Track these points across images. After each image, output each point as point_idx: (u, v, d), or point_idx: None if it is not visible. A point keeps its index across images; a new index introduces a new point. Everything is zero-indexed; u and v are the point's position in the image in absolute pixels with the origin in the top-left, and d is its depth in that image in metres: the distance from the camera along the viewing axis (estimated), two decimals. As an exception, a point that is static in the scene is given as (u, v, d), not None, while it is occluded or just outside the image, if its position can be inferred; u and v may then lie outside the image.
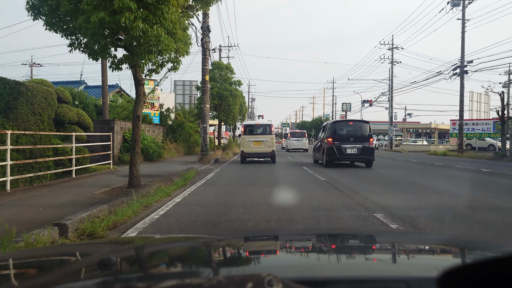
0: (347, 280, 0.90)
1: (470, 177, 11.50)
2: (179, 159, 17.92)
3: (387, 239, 1.72)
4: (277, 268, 1.11)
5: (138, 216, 5.43)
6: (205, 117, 17.05)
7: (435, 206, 6.15)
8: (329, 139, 13.65)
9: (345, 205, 6.21)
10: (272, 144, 17.24)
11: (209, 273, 1.04)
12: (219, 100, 22.31)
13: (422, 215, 5.42)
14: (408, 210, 5.75)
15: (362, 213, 5.56)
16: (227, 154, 21.83)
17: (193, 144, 24.35)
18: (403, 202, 6.46)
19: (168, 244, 1.59)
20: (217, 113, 22.99)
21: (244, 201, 6.50)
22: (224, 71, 22.55)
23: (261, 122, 18.61)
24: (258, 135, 17.28)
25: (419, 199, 6.81)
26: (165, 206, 6.18)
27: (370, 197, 6.96)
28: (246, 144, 16.94)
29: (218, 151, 21.30)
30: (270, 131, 17.61)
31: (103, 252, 1.39)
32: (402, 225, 4.80)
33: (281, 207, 6.09)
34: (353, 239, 1.71)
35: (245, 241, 1.60)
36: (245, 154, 17.10)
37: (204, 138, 17.07)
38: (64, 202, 5.95)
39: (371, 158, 13.53)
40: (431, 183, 9.48)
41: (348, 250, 1.47)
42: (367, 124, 14.36)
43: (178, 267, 1.19)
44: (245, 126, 18.18)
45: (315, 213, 5.51)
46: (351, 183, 9.58)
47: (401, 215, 5.36)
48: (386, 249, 1.49)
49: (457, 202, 6.54)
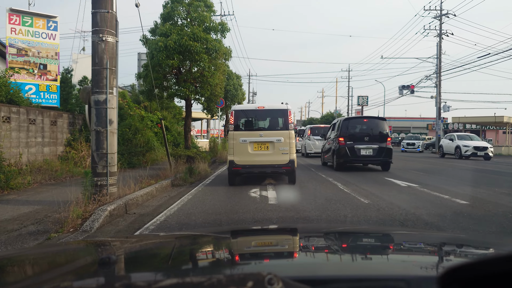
0: (347, 279, 0.91)
1: None
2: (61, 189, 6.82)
3: (387, 238, 1.70)
4: (278, 267, 1.12)
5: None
6: (104, 78, 5.90)
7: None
8: (340, 138, 12.06)
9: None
10: (289, 148, 8.23)
11: (209, 272, 1.08)
12: (182, 60, 11.18)
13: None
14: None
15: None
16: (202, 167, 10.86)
17: (145, 147, 13.41)
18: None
19: (169, 242, 1.58)
20: (178, 86, 11.81)
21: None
22: (194, 4, 11.44)
23: (268, 107, 8.48)
24: (262, 131, 8.30)
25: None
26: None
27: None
28: (239, 148, 8.18)
29: (180, 166, 10.26)
30: (287, 123, 8.35)
31: (104, 251, 1.40)
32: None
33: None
34: (353, 238, 1.69)
35: (246, 240, 1.61)
36: (237, 168, 8.17)
37: (98, 136, 5.85)
38: None
39: (389, 160, 11.94)
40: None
41: (348, 248, 1.44)
42: (384, 121, 12.73)
43: (179, 265, 1.21)
44: (236, 113, 8.57)
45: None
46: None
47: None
48: (386, 248, 1.47)
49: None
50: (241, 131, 8.06)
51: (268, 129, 8.17)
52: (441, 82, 32.78)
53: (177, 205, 5.97)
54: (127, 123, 13.23)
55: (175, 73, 11.77)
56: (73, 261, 1.28)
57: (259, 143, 7.90)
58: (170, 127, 20.07)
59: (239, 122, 8.17)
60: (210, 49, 11.20)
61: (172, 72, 11.77)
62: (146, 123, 15.50)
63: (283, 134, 7.94)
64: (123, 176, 8.28)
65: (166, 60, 10.77)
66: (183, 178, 8.33)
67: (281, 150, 7.88)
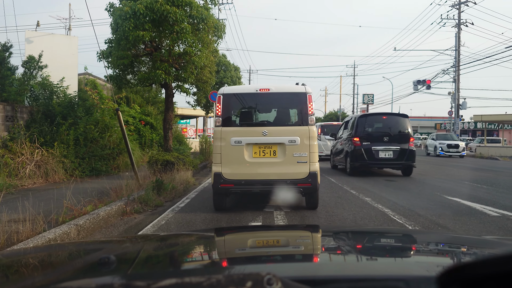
0: (346, 279, 0.91)
1: None
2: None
3: (386, 238, 1.68)
4: (277, 267, 1.11)
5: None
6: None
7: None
8: (356, 138, 10.64)
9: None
10: (309, 153, 5.03)
11: (209, 272, 1.07)
12: (157, 33, 8.26)
13: None
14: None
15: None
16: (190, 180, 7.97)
17: (116, 149, 10.59)
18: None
19: (170, 241, 1.58)
20: (152, 62, 8.81)
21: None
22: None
23: (276, 89, 5.21)
24: (266, 128, 5.10)
25: None
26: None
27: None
28: (230, 153, 5.01)
29: (156, 175, 7.43)
30: (305, 114, 5.16)
31: (104, 251, 1.37)
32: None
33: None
34: (352, 237, 1.68)
35: (246, 240, 1.59)
36: (227, 184, 4.96)
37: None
38: None
39: (412, 164, 10.48)
40: None
41: (348, 248, 1.44)
42: (405, 118, 11.04)
43: (178, 265, 1.21)
44: (226, 98, 5.35)
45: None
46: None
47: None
48: (386, 248, 1.46)
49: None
50: (234, 127, 5.19)
51: (275, 124, 5.27)
52: (459, 76, 29.91)
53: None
54: (93, 118, 10.36)
55: (149, 50, 8.84)
56: (72, 261, 1.27)
57: (262, 146, 5.02)
58: (156, 125, 17.16)
59: (231, 113, 5.27)
60: (195, 17, 8.28)
61: (145, 49, 8.85)
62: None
63: (299, 131, 5.04)
64: (57, 194, 5.39)
65: (134, 31, 7.85)
66: (145, 199, 5.42)
67: (297, 156, 4.99)
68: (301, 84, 5.40)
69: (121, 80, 9.39)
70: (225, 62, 21.38)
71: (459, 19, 29.36)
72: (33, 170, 8.18)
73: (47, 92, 10.24)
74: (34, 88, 9.93)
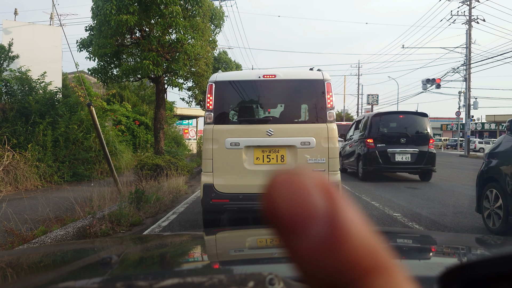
0: None
1: None
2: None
3: (386, 238, 1.58)
4: (279, 267, 1.09)
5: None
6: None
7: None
8: (369, 140, 9.82)
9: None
10: (327, 159, 3.68)
11: (210, 271, 1.06)
12: (143, 15, 7.14)
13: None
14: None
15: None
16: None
17: (98, 151, 9.47)
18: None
19: (171, 241, 1.57)
20: (140, 52, 7.68)
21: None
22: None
23: (285, 75, 3.92)
24: (271, 126, 3.75)
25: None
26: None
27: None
28: (225, 159, 3.68)
29: (142, 182, 6.29)
30: (323, 107, 3.85)
31: (106, 250, 1.38)
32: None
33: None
34: None
35: (247, 239, 1.58)
36: (221, 200, 3.62)
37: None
38: None
39: (432, 168, 9.59)
40: None
41: None
42: (425, 117, 10.15)
43: (180, 265, 1.21)
44: (219, 87, 4.02)
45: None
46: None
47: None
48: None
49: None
50: (230, 125, 4.05)
51: (283, 121, 4.11)
52: (470, 75, 28.69)
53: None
54: (76, 117, 9.27)
55: (136, 39, 7.72)
56: (74, 261, 1.25)
57: (266, 150, 3.89)
58: (152, 125, 16.06)
59: (225, 106, 4.14)
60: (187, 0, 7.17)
61: (132, 37, 7.73)
62: (109, 118, 11.55)
63: (315, 131, 3.89)
64: (19, 205, 4.26)
65: (117, 15, 6.73)
66: (118, 216, 4.26)
67: (312, 163, 3.83)
68: (316, 70, 4.24)
69: (105, 74, 8.27)
70: (226, 59, 20.32)
71: (470, 15, 28.18)
72: (0, 176, 7.08)
73: (26, 88, 9.17)
74: (9, 83, 8.85)
